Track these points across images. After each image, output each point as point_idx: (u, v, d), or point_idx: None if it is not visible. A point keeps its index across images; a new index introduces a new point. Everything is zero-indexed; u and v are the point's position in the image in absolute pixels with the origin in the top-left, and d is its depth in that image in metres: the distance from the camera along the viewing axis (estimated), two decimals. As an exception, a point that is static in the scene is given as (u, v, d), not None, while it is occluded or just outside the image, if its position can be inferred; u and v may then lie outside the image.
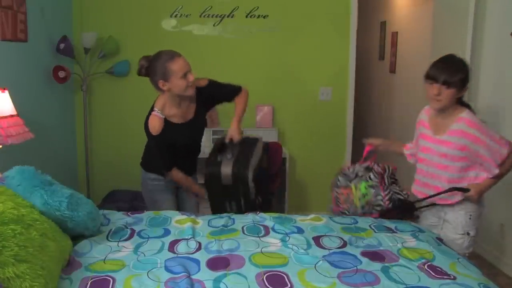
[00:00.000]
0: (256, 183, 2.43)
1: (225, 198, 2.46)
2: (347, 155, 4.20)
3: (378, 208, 2.29)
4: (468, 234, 2.25)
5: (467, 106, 2.24)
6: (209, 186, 2.48)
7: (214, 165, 2.43)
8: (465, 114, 2.16)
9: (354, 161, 5.14)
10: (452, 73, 2.13)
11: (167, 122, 2.38)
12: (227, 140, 2.49)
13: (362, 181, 2.32)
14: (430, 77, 2.17)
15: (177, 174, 2.50)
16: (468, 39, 3.29)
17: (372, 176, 2.31)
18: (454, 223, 2.26)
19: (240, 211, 2.41)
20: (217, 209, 2.46)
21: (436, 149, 2.23)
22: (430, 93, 2.18)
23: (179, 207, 2.61)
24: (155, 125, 2.36)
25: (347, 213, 2.36)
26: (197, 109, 2.50)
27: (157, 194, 2.57)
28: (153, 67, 2.30)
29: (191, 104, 2.47)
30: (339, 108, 4.13)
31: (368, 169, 2.36)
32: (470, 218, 2.25)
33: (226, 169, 2.40)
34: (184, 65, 2.30)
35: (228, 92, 2.57)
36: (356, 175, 2.36)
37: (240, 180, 2.40)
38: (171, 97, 2.37)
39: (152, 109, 2.41)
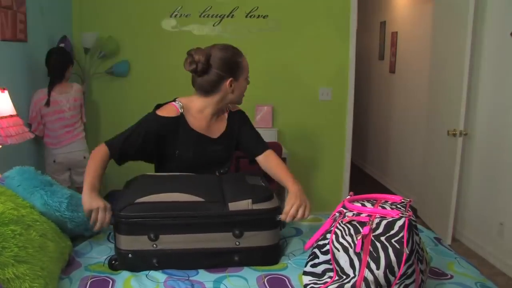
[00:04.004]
0: None
1: None
2: (347, 155, 4.20)
3: None
4: None
5: None
6: None
7: None
8: None
9: (353, 161, 5.12)
10: None
11: (183, 120, 1.89)
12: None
13: None
14: None
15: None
16: (468, 39, 3.29)
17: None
18: None
19: None
20: None
21: None
22: None
23: None
24: (168, 110, 1.88)
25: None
26: (225, 132, 2.01)
27: None
28: (221, 61, 1.84)
29: (220, 123, 2.01)
30: (339, 108, 4.13)
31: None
32: None
33: None
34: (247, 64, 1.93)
35: (256, 140, 2.08)
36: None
37: None
38: (216, 106, 1.92)
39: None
